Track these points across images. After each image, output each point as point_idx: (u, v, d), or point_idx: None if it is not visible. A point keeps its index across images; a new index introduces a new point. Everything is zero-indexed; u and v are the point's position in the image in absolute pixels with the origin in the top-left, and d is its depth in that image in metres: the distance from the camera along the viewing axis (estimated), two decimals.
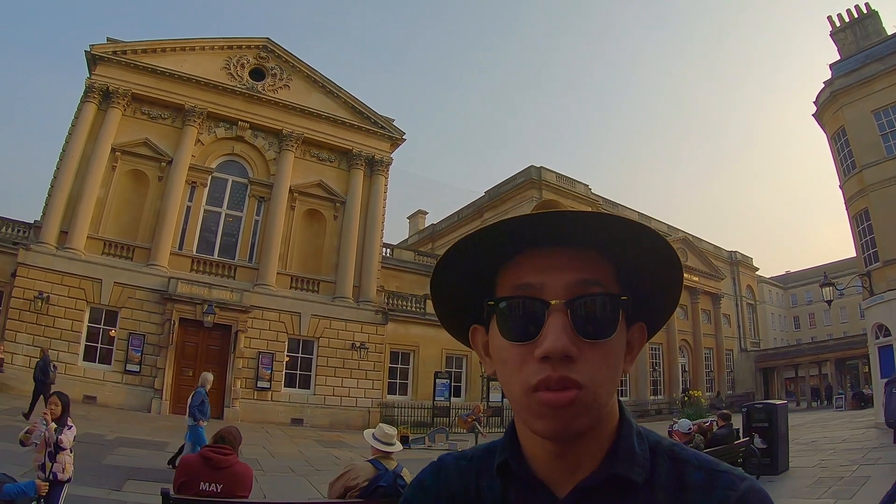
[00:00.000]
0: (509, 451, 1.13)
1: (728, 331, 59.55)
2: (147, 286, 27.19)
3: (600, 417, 1.05)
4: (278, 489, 12.88)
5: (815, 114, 31.19)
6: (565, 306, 1.02)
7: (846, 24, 31.27)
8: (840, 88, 28.63)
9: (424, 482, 1.27)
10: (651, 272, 1.10)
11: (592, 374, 0.99)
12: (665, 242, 1.06)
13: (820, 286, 26.42)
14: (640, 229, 1.03)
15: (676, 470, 1.05)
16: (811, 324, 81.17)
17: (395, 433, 6.89)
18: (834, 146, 29.88)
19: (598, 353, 1.01)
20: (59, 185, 27.22)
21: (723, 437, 14.43)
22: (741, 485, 0.99)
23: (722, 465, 1.05)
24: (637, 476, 1.03)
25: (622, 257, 1.08)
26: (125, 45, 29.72)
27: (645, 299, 1.13)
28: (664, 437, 1.15)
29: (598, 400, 1.01)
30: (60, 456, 7.13)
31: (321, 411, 29.32)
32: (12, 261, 25.51)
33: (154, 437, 18.28)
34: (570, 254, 1.06)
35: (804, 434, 23.25)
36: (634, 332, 1.14)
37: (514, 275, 1.08)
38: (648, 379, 48.64)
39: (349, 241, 32.88)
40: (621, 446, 1.07)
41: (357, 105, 34.95)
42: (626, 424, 1.11)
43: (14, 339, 24.01)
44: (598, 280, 1.05)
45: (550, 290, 1.04)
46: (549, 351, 0.98)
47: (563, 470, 1.07)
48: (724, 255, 63.47)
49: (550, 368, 0.98)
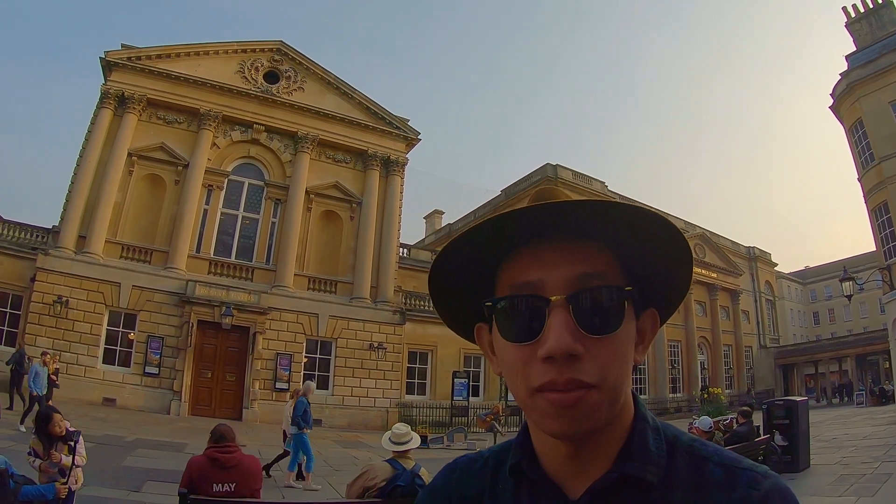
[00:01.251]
0: (522, 451, 1.10)
1: (747, 327, 59.09)
2: (165, 289, 27.38)
3: (613, 413, 0.99)
4: (297, 489, 12.94)
5: (832, 106, 31.02)
6: (567, 302, 0.96)
7: (861, 14, 31.07)
8: (857, 80, 28.43)
9: (436, 486, 1.24)
10: (657, 255, 1.05)
11: (602, 372, 0.94)
12: (665, 221, 0.99)
13: (839, 281, 26.25)
14: (638, 213, 0.97)
15: (695, 467, 1.00)
16: (831, 319, 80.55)
17: (407, 429, 6.92)
18: (851, 138, 29.69)
19: (605, 348, 0.96)
20: (77, 190, 27.45)
21: (743, 435, 14.31)
22: (764, 483, 0.94)
23: (744, 461, 0.99)
24: (650, 475, 0.98)
25: (625, 245, 1.02)
26: (139, 50, 29.95)
27: (653, 284, 1.08)
28: (685, 432, 1.10)
29: (609, 397, 0.96)
30: (76, 470, 7.07)
31: (339, 412, 29.37)
32: (31, 266, 25.75)
33: (173, 439, 18.38)
34: (570, 247, 1.01)
35: (825, 431, 22.99)
36: (646, 320, 1.09)
37: (513, 272, 1.04)
38: (667, 377, 48.40)
39: (366, 242, 32.92)
40: (635, 444, 1.02)
41: (372, 106, 34.99)
42: (641, 420, 1.06)
43: (34, 342, 24.20)
44: (601, 272, 1.00)
45: (550, 286, 0.98)
46: (552, 351, 0.93)
47: (576, 470, 1.03)
48: (742, 251, 62.84)
49: (556, 371, 0.93)
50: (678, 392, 49.26)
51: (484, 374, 35.63)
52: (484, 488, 1.16)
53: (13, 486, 5.93)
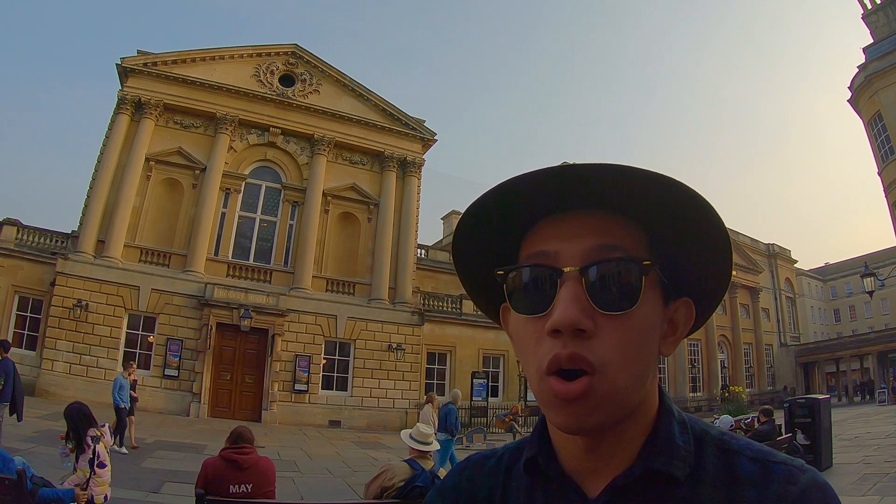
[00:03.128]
0: (538, 445, 1.04)
1: (767, 325, 58.71)
2: (184, 292, 27.53)
3: (629, 403, 0.92)
4: (315, 490, 12.93)
5: (851, 99, 30.75)
6: (580, 273, 0.91)
7: (877, 5, 30.83)
8: (875, 72, 28.20)
9: (445, 485, 1.19)
10: (690, 237, 0.97)
11: (612, 353, 0.88)
12: (702, 200, 0.91)
13: (860, 277, 25.93)
14: (675, 187, 0.90)
15: (726, 462, 0.93)
16: (852, 316, 79.90)
17: (431, 432, 6.90)
18: (870, 132, 29.45)
19: (619, 327, 0.89)
20: (96, 195, 27.68)
21: (765, 434, 14.18)
22: (801, 477, 0.87)
23: (778, 455, 0.93)
24: (677, 470, 0.92)
25: (655, 221, 0.96)
26: (155, 56, 30.16)
27: (686, 270, 1.00)
28: (713, 426, 1.03)
29: (616, 386, 0.88)
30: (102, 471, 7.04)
31: (358, 413, 29.41)
32: (51, 270, 25.99)
33: (193, 441, 18.47)
34: (593, 219, 0.95)
35: (847, 430, 22.79)
36: (678, 310, 1.02)
37: (532, 243, 0.99)
38: (687, 376, 48.21)
39: (384, 243, 32.95)
40: (659, 437, 0.96)
41: (387, 107, 35.03)
42: (666, 412, 1.00)
43: (54, 346, 24.54)
44: (621, 245, 0.93)
45: (565, 258, 0.93)
46: (557, 323, 0.88)
47: (595, 465, 0.97)
48: (761, 248, 62.35)
49: (561, 345, 0.88)
50: (698, 391, 49.07)
51: (503, 375, 35.59)
52: (496, 486, 1.12)
53: (31, 486, 5.97)
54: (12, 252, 26.52)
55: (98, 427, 7.24)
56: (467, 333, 33.66)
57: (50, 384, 23.57)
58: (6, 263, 26.24)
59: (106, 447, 7.11)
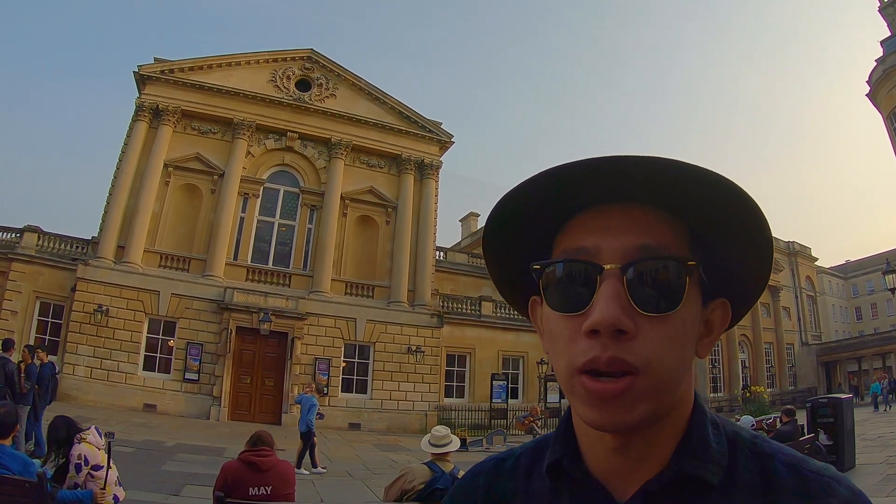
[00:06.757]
0: (563, 446, 0.99)
1: (788, 324, 58.12)
2: (204, 296, 27.73)
3: (665, 406, 0.89)
4: (335, 492, 12.96)
5: (869, 93, 30.42)
6: (620, 272, 0.87)
7: None
8: (893, 65, 27.92)
9: (457, 493, 1.16)
10: (734, 239, 0.94)
11: (652, 355, 0.85)
12: (752, 200, 0.88)
13: (882, 274, 25.66)
14: (722, 184, 0.87)
15: (760, 467, 0.90)
16: (874, 314, 78.89)
17: (447, 432, 6.88)
18: (890, 126, 29.13)
19: (660, 329, 0.86)
20: (115, 201, 27.94)
21: (787, 434, 14.00)
22: (840, 490, 0.85)
23: (811, 462, 0.90)
24: (712, 475, 0.89)
25: (699, 218, 0.93)
26: (172, 63, 30.47)
27: (726, 271, 0.97)
28: (745, 428, 1.00)
29: (659, 386, 0.86)
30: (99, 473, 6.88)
31: (378, 415, 29.46)
32: (72, 276, 26.32)
33: (213, 444, 18.52)
34: (635, 213, 0.92)
35: (869, 429, 22.52)
36: (715, 311, 0.99)
37: (569, 237, 0.95)
38: (707, 376, 47.82)
39: (402, 246, 32.98)
40: (693, 439, 0.93)
41: (404, 110, 35.10)
42: (700, 413, 0.97)
43: (75, 350, 24.80)
44: (664, 244, 0.90)
45: (606, 254, 0.90)
46: (597, 323, 0.84)
47: (625, 468, 0.93)
48: (781, 246, 61.63)
49: (600, 347, 0.84)
50: (719, 391, 48.68)
51: (522, 377, 35.55)
52: (516, 490, 1.07)
53: (50, 489, 6.01)
54: (33, 258, 26.87)
55: (83, 432, 7.13)
56: (487, 335, 33.70)
57: (71, 388, 23.71)
58: (27, 270, 26.57)
59: (97, 446, 7.00)
